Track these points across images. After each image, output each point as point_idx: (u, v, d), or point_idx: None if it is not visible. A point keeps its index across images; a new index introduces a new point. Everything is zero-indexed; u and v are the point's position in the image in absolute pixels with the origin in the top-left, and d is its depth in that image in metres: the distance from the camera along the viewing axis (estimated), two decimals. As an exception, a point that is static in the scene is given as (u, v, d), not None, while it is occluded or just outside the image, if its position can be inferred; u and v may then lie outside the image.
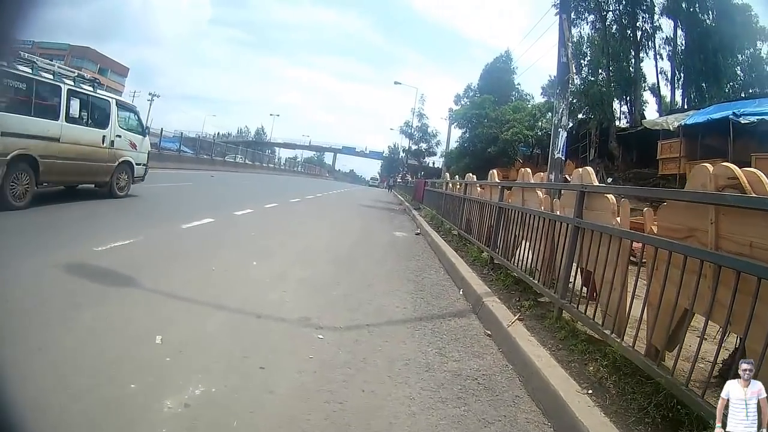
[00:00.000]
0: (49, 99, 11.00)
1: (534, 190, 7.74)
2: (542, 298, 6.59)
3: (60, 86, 11.21)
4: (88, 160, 12.41)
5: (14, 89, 10.02)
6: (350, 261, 9.41)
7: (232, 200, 19.06)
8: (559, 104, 12.44)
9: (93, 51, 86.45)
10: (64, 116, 11.28)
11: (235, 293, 6.04)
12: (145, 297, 5.45)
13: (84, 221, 10.16)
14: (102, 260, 6.59)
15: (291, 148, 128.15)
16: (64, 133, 11.29)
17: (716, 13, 30.70)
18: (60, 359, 3.62)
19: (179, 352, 4.03)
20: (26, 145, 10.08)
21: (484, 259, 9.62)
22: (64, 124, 11.27)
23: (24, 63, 10.28)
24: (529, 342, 4.95)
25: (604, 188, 5.63)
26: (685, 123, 22.10)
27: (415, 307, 6.57)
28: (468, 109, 49.39)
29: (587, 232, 5.33)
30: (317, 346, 4.63)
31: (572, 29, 33.00)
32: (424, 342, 5.17)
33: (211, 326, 4.78)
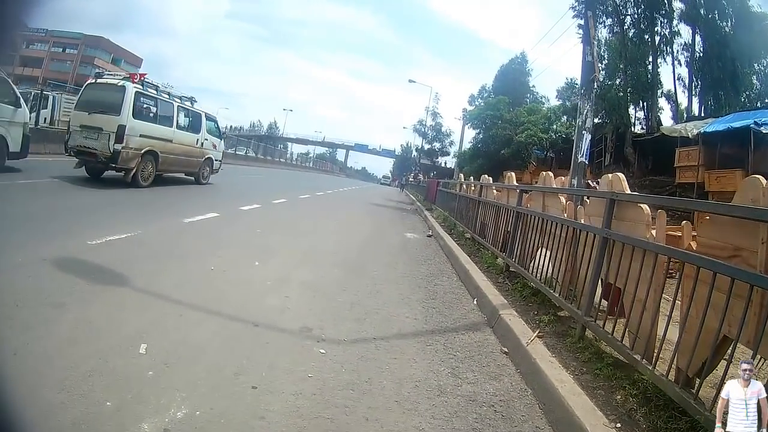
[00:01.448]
0: (167, 112, 16.11)
1: (556, 195, 7.26)
2: (562, 312, 6.16)
3: (173, 103, 16.50)
4: (187, 156, 17.73)
5: (148, 106, 15.16)
6: (358, 264, 8.93)
7: (241, 194, 19.02)
8: (583, 105, 11.87)
9: (106, 41, 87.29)
10: (175, 124, 16.60)
11: (232, 297, 5.62)
12: (135, 298, 5.07)
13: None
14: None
15: (303, 144, 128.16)
16: (175, 137, 16.59)
17: (734, 21, 30.21)
18: (33, 367, 3.29)
19: (164, 365, 3.64)
20: (153, 144, 15.16)
21: (499, 266, 9.17)
22: (175, 130, 16.59)
23: (151, 86, 15.35)
24: (550, 364, 4.51)
25: (638, 197, 5.13)
26: (704, 131, 21.63)
27: (427, 318, 6.10)
28: (482, 110, 48.87)
29: (617, 245, 4.88)
30: (318, 363, 4.17)
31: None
32: (436, 360, 4.71)
33: (203, 335, 4.34)
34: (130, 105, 14.04)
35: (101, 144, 13.77)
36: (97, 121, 13.94)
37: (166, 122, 15.97)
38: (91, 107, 14.23)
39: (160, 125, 15.62)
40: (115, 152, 13.70)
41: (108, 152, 13.70)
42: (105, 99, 14.16)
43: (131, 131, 14.08)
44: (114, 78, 15.09)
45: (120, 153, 13.77)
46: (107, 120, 13.85)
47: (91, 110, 14.15)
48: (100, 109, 14.06)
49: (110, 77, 15.32)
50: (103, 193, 12.78)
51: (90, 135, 13.93)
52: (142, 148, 14.54)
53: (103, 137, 13.76)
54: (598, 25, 33.04)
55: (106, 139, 13.72)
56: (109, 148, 13.68)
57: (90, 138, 13.92)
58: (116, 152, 13.70)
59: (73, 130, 14.29)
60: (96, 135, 13.84)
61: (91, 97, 14.52)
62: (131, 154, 14.20)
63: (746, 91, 31.63)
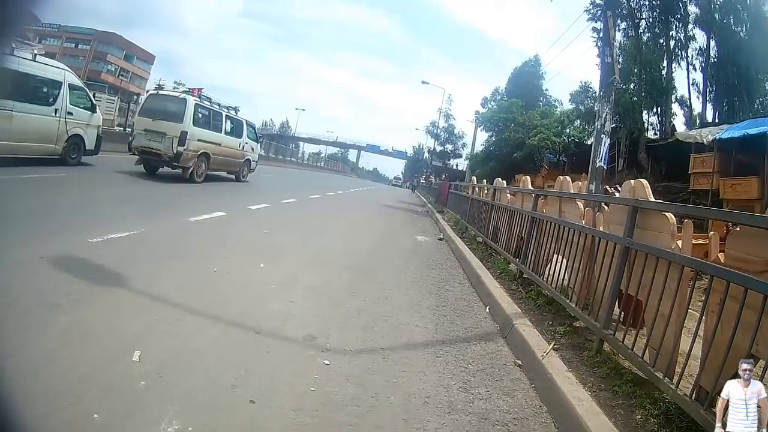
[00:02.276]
0: (217, 121, 19.16)
1: (574, 201, 7.00)
2: (578, 322, 5.92)
3: (222, 113, 19.57)
4: (231, 157, 20.74)
5: (203, 115, 18.06)
6: (368, 267, 8.68)
7: (249, 193, 18.95)
8: (602, 108, 11.54)
9: (119, 37, 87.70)
10: (223, 131, 19.65)
11: (234, 301, 5.39)
12: (132, 300, 4.84)
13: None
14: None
15: (315, 144, 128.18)
16: (223, 141, 19.58)
17: (749, 26, 29.81)
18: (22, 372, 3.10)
19: (157, 374, 3.42)
20: (206, 147, 18.09)
21: (511, 272, 8.94)
22: (224, 136, 19.66)
23: (205, 99, 18.41)
24: (566, 380, 4.27)
25: (663, 205, 4.86)
26: (719, 137, 21.31)
27: (437, 327, 5.85)
28: (495, 113, 48.63)
29: (639, 255, 4.63)
30: (322, 375, 3.92)
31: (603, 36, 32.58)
32: (447, 373, 4.46)
33: (201, 342, 4.11)
34: (190, 114, 17.01)
35: (165, 146, 16.50)
36: (161, 126, 16.68)
37: (216, 129, 19.07)
38: (154, 114, 17.04)
39: (212, 131, 18.70)
40: (178, 153, 16.48)
41: (171, 153, 16.44)
42: (168, 108, 17.03)
43: (191, 136, 16.96)
44: (175, 91, 17.97)
45: (182, 154, 16.57)
46: (171, 126, 16.63)
47: (155, 117, 16.92)
48: (163, 116, 16.85)
49: (171, 90, 18.15)
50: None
51: (154, 138, 16.65)
52: (198, 151, 17.58)
53: (167, 140, 16.52)
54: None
55: (169, 142, 16.50)
56: (172, 150, 16.43)
57: (154, 140, 16.65)
58: (178, 153, 16.50)
59: (137, 133, 17.01)
60: (160, 138, 16.58)
61: (154, 105, 17.48)
62: (190, 155, 17.05)
63: (760, 98, 31.29)
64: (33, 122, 13.83)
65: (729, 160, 20.48)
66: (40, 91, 14.28)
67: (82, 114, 15.69)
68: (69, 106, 15.07)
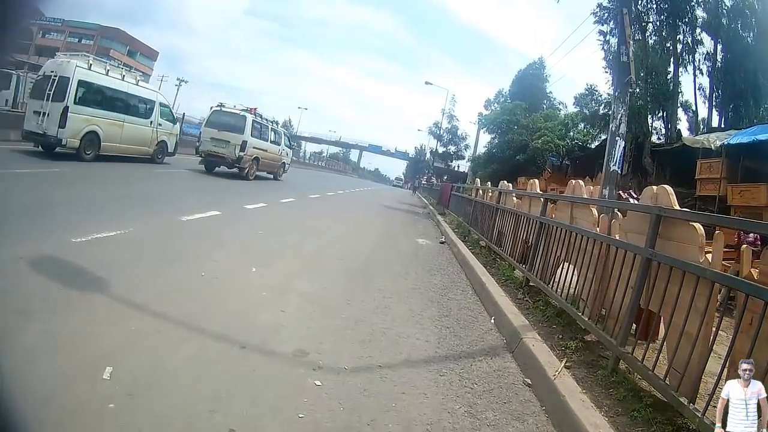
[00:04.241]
0: (265, 132, 24.98)
1: (588, 206, 6.61)
2: (590, 335, 5.57)
3: (268, 126, 25.68)
4: (273, 161, 26.91)
5: (256, 128, 23.54)
6: (366, 272, 8.30)
7: (247, 191, 18.39)
8: (617, 109, 11.10)
9: (123, 33, 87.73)
10: (269, 140, 25.53)
11: (220, 310, 4.98)
12: (110, 308, 4.44)
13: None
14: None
15: (317, 143, 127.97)
16: (269, 148, 25.48)
17: (757, 32, 29.53)
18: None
19: (129, 395, 3.05)
20: (258, 153, 23.82)
21: (517, 279, 8.58)
22: (269, 144, 25.56)
23: (258, 116, 23.98)
24: (581, 403, 3.90)
25: (691, 214, 4.45)
26: (728, 143, 20.96)
27: (440, 341, 5.43)
28: (498, 115, 48.27)
29: (662, 268, 4.24)
30: (312, 398, 3.52)
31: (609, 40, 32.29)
32: (451, 394, 4.07)
33: (180, 358, 3.72)
34: (249, 128, 22.76)
35: (229, 151, 22.04)
36: (225, 136, 22.15)
37: (264, 138, 24.91)
38: (219, 126, 22.39)
39: (261, 140, 24.46)
40: (239, 157, 22.15)
41: (234, 156, 22.05)
42: (230, 122, 22.55)
43: (249, 145, 22.63)
44: (236, 109, 23.21)
45: (242, 158, 22.28)
46: (234, 136, 22.18)
47: (220, 129, 22.30)
48: (227, 128, 22.29)
49: (233, 108, 23.31)
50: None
51: (219, 145, 22.13)
52: (253, 156, 23.36)
53: (230, 147, 22.06)
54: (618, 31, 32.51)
55: (233, 149, 22.06)
56: (235, 154, 22.04)
57: (219, 147, 22.11)
58: (240, 157, 22.17)
59: (204, 140, 22.44)
60: (224, 145, 22.08)
61: (218, 119, 22.80)
62: (247, 159, 22.68)
63: (765, 104, 31.04)
64: (136, 130, 19.38)
65: (736, 166, 20.23)
66: (141, 108, 19.88)
67: (167, 125, 21.84)
68: (159, 119, 20.96)
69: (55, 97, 15.81)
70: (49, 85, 15.85)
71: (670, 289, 4.08)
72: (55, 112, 15.71)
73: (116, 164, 17.89)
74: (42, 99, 15.97)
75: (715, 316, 3.70)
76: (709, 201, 20.74)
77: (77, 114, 16.24)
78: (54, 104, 15.74)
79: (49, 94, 15.82)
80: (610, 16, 30.05)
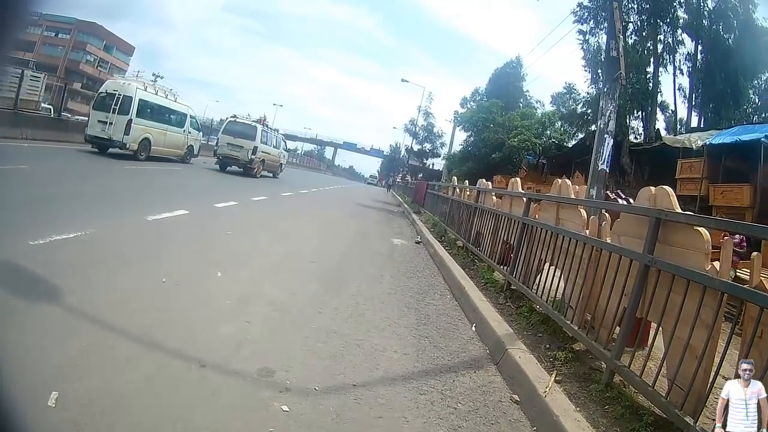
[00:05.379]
0: (270, 138, 30.87)
1: (575, 207, 6.24)
2: (578, 344, 5.24)
3: (273, 133, 32.20)
4: (274, 162, 32.83)
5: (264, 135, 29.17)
6: (339, 276, 7.89)
7: (218, 189, 17.99)
8: (606, 106, 10.83)
9: (100, 27, 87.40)
10: (272, 145, 31.23)
11: (180, 322, 4.49)
12: (61, 320, 3.98)
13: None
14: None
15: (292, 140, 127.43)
16: (272, 151, 31.21)
17: (738, 34, 29.67)
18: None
19: (74, 426, 2.66)
20: (264, 156, 29.41)
21: (497, 282, 8.27)
22: (272, 148, 31.26)
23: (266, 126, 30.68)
24: (577, 424, 3.60)
25: (694, 218, 4.04)
26: (709, 143, 20.90)
27: (419, 353, 5.02)
28: (475, 113, 48.13)
29: (663, 275, 3.89)
30: (278, 427, 3.08)
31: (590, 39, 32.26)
32: (433, 416, 3.67)
33: (131, 380, 3.27)
34: (259, 136, 28.12)
35: (242, 155, 27.40)
36: (239, 142, 27.51)
37: (269, 143, 30.49)
38: (234, 134, 27.78)
39: (267, 145, 29.86)
40: (251, 159, 27.52)
41: (247, 159, 27.41)
42: (243, 130, 28.04)
43: (259, 149, 28.06)
44: (248, 120, 29.14)
45: (254, 160, 27.66)
46: (246, 142, 27.52)
47: (235, 136, 27.66)
48: (241, 135, 27.66)
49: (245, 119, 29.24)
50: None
51: (234, 149, 27.51)
52: (261, 158, 28.72)
53: (243, 151, 27.40)
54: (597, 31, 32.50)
55: (246, 153, 27.41)
56: (248, 157, 27.39)
57: (234, 151, 27.51)
58: (252, 159, 27.54)
59: (221, 145, 27.96)
60: (238, 149, 27.44)
61: (233, 128, 28.28)
62: (257, 161, 28.12)
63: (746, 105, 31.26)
64: (174, 137, 25.41)
65: (717, 166, 20.25)
66: (177, 119, 25.88)
67: (194, 133, 28.19)
68: (189, 128, 27.08)
69: (121, 111, 20.94)
70: (114, 101, 20.96)
71: (672, 298, 3.75)
72: (120, 122, 20.88)
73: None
74: (107, 111, 20.97)
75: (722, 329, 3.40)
76: (689, 201, 20.64)
77: (137, 125, 21.64)
78: (119, 116, 20.90)
79: (114, 108, 20.92)
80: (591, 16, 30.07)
